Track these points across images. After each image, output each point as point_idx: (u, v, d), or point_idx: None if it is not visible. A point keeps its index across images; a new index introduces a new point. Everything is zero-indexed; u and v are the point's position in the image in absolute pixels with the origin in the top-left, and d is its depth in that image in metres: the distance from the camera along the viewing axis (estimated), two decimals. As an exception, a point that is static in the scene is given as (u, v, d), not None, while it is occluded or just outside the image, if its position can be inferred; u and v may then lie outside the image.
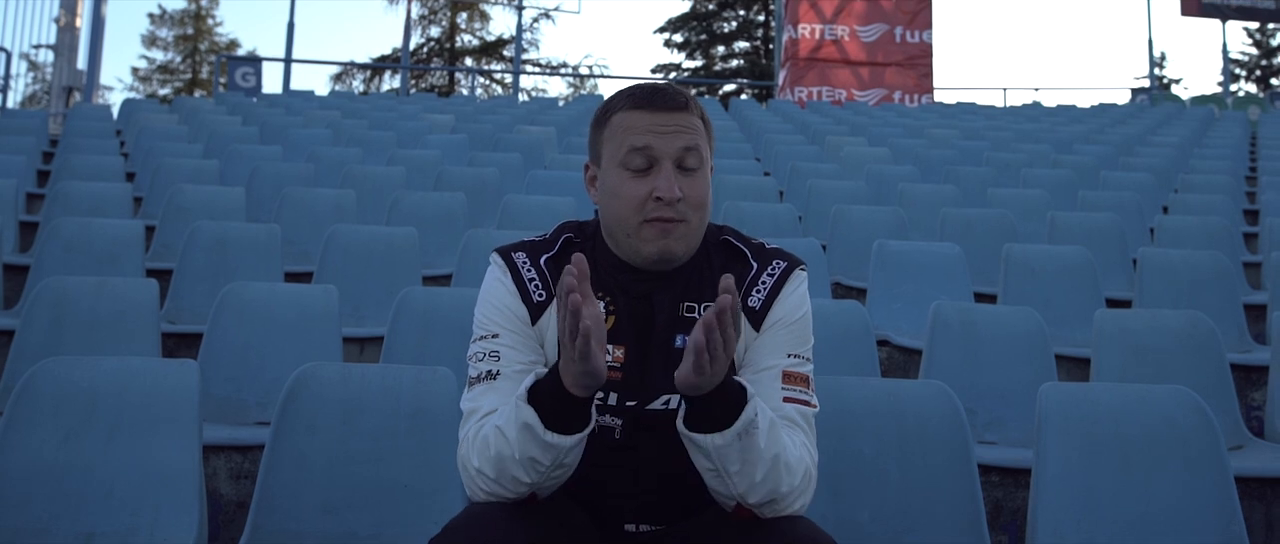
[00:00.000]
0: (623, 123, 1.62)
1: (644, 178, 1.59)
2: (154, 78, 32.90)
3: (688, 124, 1.61)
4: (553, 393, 1.46)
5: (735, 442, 1.45)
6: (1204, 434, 2.23)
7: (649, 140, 1.59)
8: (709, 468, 1.49)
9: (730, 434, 1.45)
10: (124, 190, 5.39)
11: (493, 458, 1.50)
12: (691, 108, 1.63)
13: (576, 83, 31.29)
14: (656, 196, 1.57)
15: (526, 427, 1.45)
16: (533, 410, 1.45)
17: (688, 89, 1.72)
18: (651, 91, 1.64)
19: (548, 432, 1.45)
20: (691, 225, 1.61)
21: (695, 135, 1.62)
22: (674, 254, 1.60)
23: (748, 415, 1.45)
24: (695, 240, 1.63)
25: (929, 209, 5.54)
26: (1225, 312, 4.05)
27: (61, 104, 14.46)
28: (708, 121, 1.68)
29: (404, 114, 9.87)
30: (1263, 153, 9.84)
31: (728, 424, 1.45)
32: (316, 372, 2.24)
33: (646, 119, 1.60)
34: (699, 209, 1.61)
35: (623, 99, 1.65)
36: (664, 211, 1.58)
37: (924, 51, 16.08)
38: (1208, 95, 19.90)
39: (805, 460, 1.55)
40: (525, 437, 1.46)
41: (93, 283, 3.20)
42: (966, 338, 3.19)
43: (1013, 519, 2.79)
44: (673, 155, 1.59)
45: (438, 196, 5.25)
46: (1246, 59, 32.71)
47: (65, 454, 2.09)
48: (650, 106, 1.61)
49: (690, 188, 1.60)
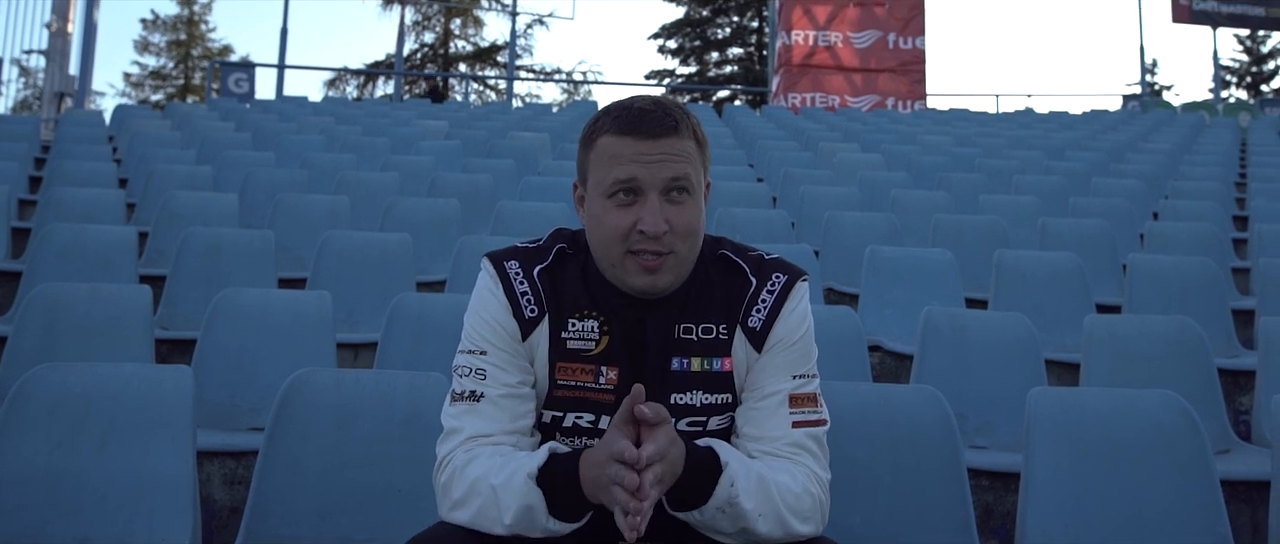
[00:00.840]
0: (608, 148, 1.55)
1: (629, 208, 1.53)
2: (146, 83, 32.84)
3: (677, 150, 1.53)
4: (565, 482, 1.44)
5: (718, 513, 1.46)
6: (1191, 438, 2.25)
7: (634, 171, 1.52)
8: (707, 531, 1.50)
9: (710, 509, 1.46)
10: (117, 196, 5.38)
11: (477, 508, 1.48)
12: (682, 130, 1.55)
13: (570, 89, 31.33)
14: (641, 230, 1.51)
15: (529, 509, 1.44)
16: (541, 494, 1.43)
17: (680, 103, 1.63)
18: (639, 116, 1.54)
19: (551, 519, 1.44)
20: (680, 255, 1.55)
21: (684, 162, 1.53)
22: (661, 288, 1.56)
23: (723, 488, 1.45)
24: (685, 269, 1.57)
25: (921, 215, 5.56)
26: (1214, 317, 4.08)
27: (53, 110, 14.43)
28: (702, 138, 1.60)
29: (397, 120, 9.87)
30: (1252, 159, 9.90)
31: (704, 500, 1.46)
32: (310, 377, 2.24)
33: (632, 147, 1.53)
34: (688, 238, 1.55)
35: (609, 121, 1.56)
36: (649, 245, 1.52)
37: (917, 58, 16.14)
38: (1199, 102, 20.00)
39: (812, 492, 1.54)
40: (524, 515, 1.45)
41: (86, 289, 3.20)
42: (957, 343, 3.20)
43: (1003, 523, 2.81)
44: (659, 186, 1.52)
45: (431, 203, 5.25)
46: (1237, 66, 32.84)
47: (59, 460, 2.10)
48: (636, 133, 1.53)
49: (677, 216, 1.53)
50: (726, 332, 1.61)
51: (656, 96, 1.61)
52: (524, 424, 1.59)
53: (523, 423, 1.58)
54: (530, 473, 1.44)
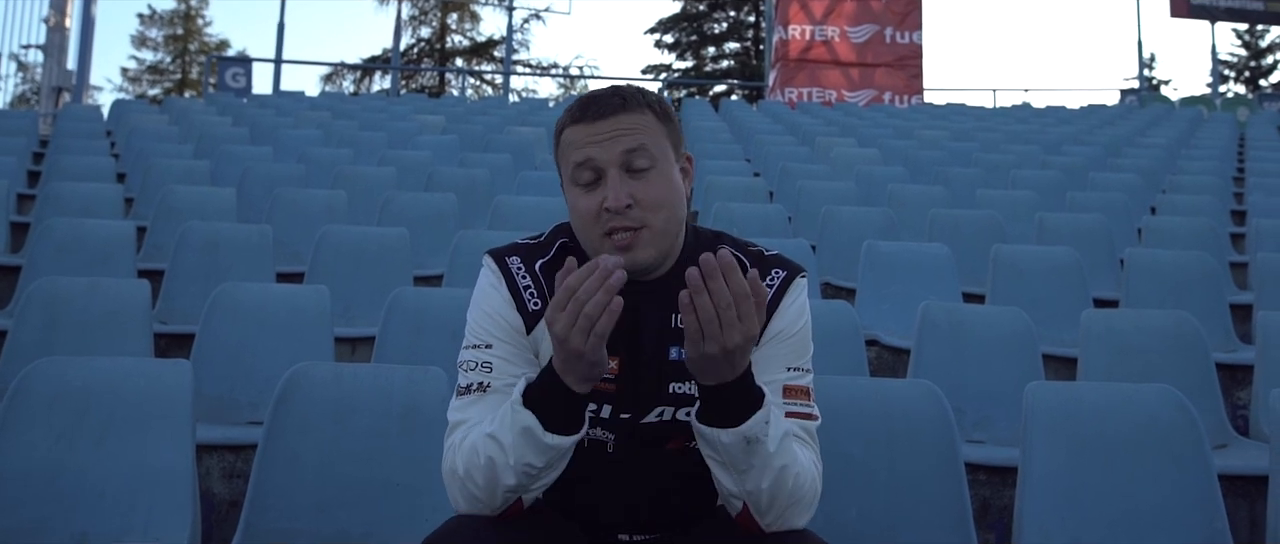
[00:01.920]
0: (568, 139, 1.57)
1: (595, 190, 1.54)
2: (144, 78, 32.80)
3: (628, 125, 1.54)
4: (552, 394, 1.44)
5: (742, 443, 1.44)
6: (1188, 433, 2.26)
7: (589, 151, 1.54)
8: (716, 459, 1.47)
9: (737, 434, 1.43)
10: (115, 191, 5.38)
11: (483, 465, 1.47)
12: (632, 106, 1.56)
13: (567, 83, 31.28)
14: (607, 207, 1.52)
15: (526, 430, 1.43)
16: (531, 414, 1.43)
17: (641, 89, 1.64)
18: (586, 102, 1.57)
19: (548, 434, 1.43)
20: (655, 228, 1.54)
21: (638, 134, 1.54)
22: (643, 263, 1.55)
23: (758, 420, 1.43)
24: (666, 242, 1.57)
25: (918, 210, 5.56)
26: (1211, 312, 4.08)
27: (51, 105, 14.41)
28: (665, 113, 1.60)
29: (394, 115, 9.86)
30: (1250, 154, 9.91)
31: (737, 423, 1.43)
32: (308, 371, 2.25)
33: (584, 131, 1.55)
34: (657, 209, 1.54)
35: (566, 115, 1.60)
36: (618, 221, 1.52)
37: (914, 52, 16.11)
38: (1197, 96, 20.02)
39: (812, 475, 1.54)
40: (524, 441, 1.44)
41: (85, 283, 3.21)
42: (955, 338, 3.21)
43: (1000, 517, 2.82)
44: (616, 161, 1.53)
45: (429, 197, 5.26)
46: (1235, 60, 32.85)
47: (58, 454, 2.10)
48: (585, 118, 1.56)
49: (643, 190, 1.53)
50: None
51: (616, 85, 1.62)
52: None
53: None
54: (515, 401, 1.45)
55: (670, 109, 1.61)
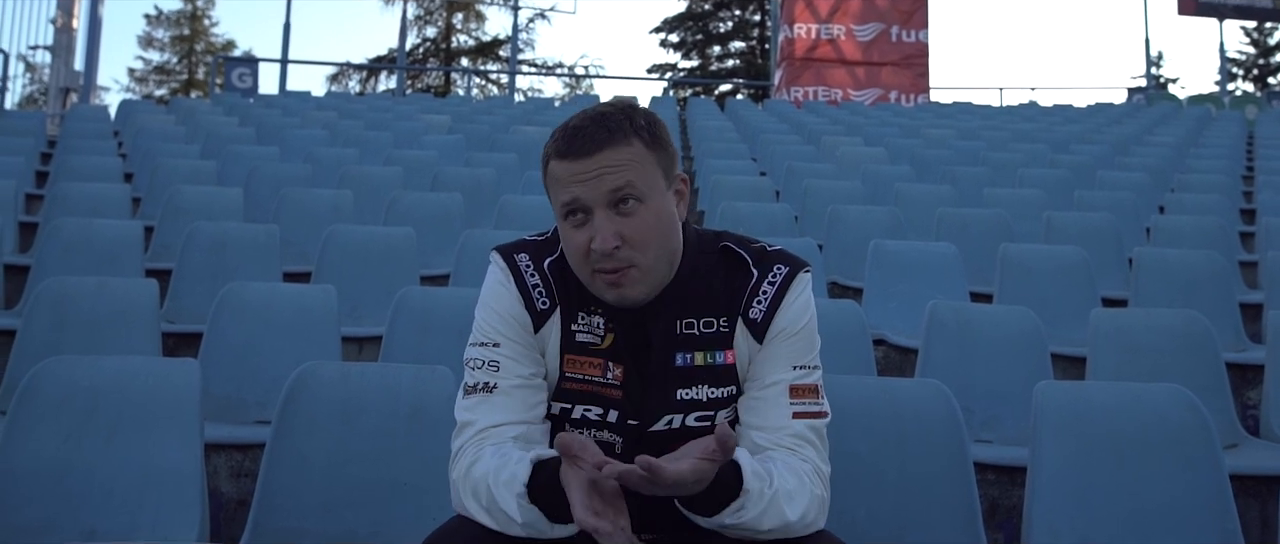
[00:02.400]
0: (554, 173, 1.54)
1: (583, 228, 1.52)
2: (150, 79, 32.85)
3: (614, 161, 1.50)
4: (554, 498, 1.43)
5: (737, 510, 1.45)
6: (1199, 432, 2.25)
7: (574, 192, 1.51)
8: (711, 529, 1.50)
9: (726, 515, 1.45)
10: (122, 191, 5.39)
11: (485, 507, 1.48)
12: (618, 138, 1.51)
13: (572, 83, 31.29)
14: (594, 248, 1.50)
15: (530, 525, 1.44)
16: (538, 511, 1.43)
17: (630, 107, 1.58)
18: (573, 134, 1.53)
19: (556, 525, 1.44)
20: (643, 266, 1.52)
21: (624, 172, 1.50)
22: (632, 299, 1.54)
23: (738, 505, 1.44)
24: (656, 277, 1.55)
25: (925, 209, 5.55)
26: (1221, 311, 4.06)
27: (59, 105, 14.44)
28: (654, 138, 1.55)
29: (400, 114, 9.87)
30: (1260, 152, 9.86)
31: (720, 509, 1.45)
32: (316, 371, 2.25)
33: (569, 168, 1.51)
34: (646, 247, 1.51)
35: (551, 144, 1.56)
36: (605, 263, 1.51)
37: (920, 51, 16.07)
38: (1205, 95, 19.92)
39: (812, 491, 1.53)
40: (533, 520, 1.45)
41: (93, 283, 3.21)
42: (962, 337, 3.20)
43: (1009, 517, 2.81)
44: (602, 201, 1.50)
45: (435, 197, 5.26)
46: (1244, 58, 32.74)
47: (67, 453, 2.10)
48: (571, 154, 1.51)
49: (631, 228, 1.50)
50: (727, 324, 1.60)
51: (602, 107, 1.58)
52: (537, 413, 1.58)
53: (536, 412, 1.58)
54: (519, 493, 1.44)
55: (661, 132, 1.58)
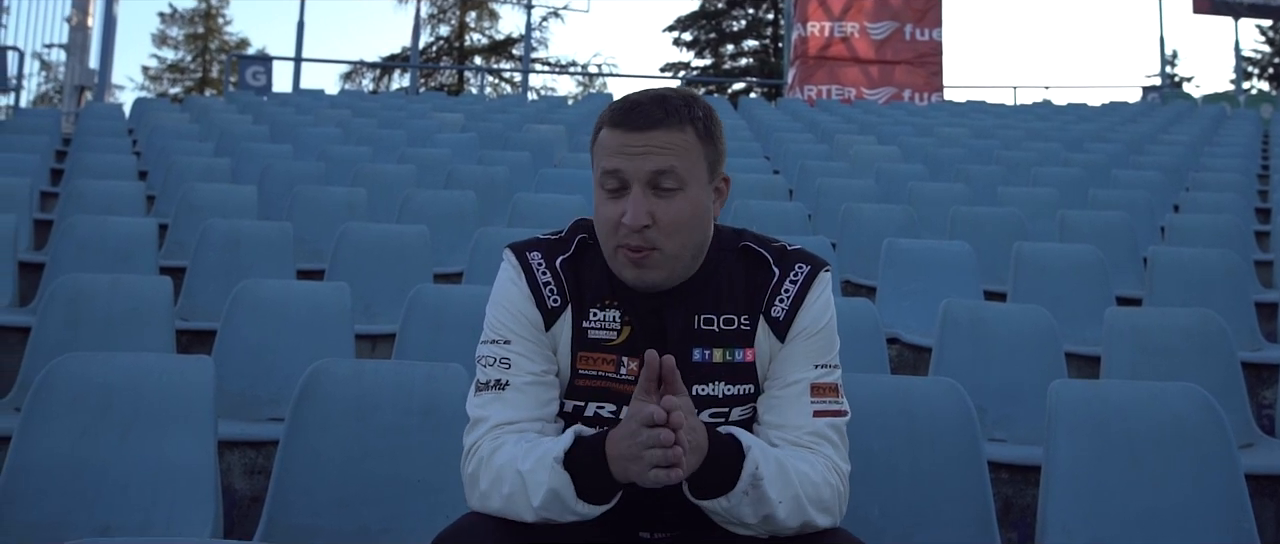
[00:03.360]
0: (603, 141, 1.55)
1: (618, 200, 1.52)
2: (164, 77, 32.97)
3: (664, 143, 1.51)
4: (593, 464, 1.43)
5: (743, 498, 1.45)
6: (1214, 431, 2.23)
7: (618, 162, 1.51)
8: (722, 517, 1.49)
9: (736, 495, 1.45)
10: (137, 189, 5.42)
11: (505, 495, 1.47)
12: (673, 121, 1.52)
13: (585, 81, 31.30)
14: (624, 222, 1.50)
15: (556, 493, 1.43)
16: (568, 477, 1.43)
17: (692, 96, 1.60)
18: (630, 107, 1.53)
19: (579, 501, 1.44)
20: (666, 252, 1.52)
21: (671, 155, 1.51)
22: (651, 283, 1.54)
23: (748, 472, 1.44)
24: (678, 266, 1.55)
25: (939, 207, 5.53)
26: (1236, 310, 4.04)
27: (74, 103, 14.51)
28: (707, 132, 1.56)
29: (413, 113, 9.89)
30: (1275, 151, 9.80)
31: (730, 486, 1.45)
32: (329, 368, 2.25)
33: (619, 138, 1.52)
34: (674, 233, 1.52)
35: (607, 114, 1.56)
36: (631, 239, 1.51)
37: (934, 49, 16.02)
38: (1220, 93, 19.79)
39: (831, 482, 1.53)
40: (552, 499, 1.44)
41: (107, 280, 3.23)
42: (976, 336, 3.19)
43: (1023, 516, 2.80)
44: (643, 178, 1.51)
45: (448, 195, 5.27)
46: (1259, 57, 32.51)
47: (82, 449, 2.12)
48: (625, 125, 1.52)
49: (664, 210, 1.51)
50: (748, 322, 1.61)
51: (667, 90, 1.58)
52: (550, 411, 1.58)
53: (549, 409, 1.58)
54: (556, 457, 1.44)
55: (715, 128, 1.58)
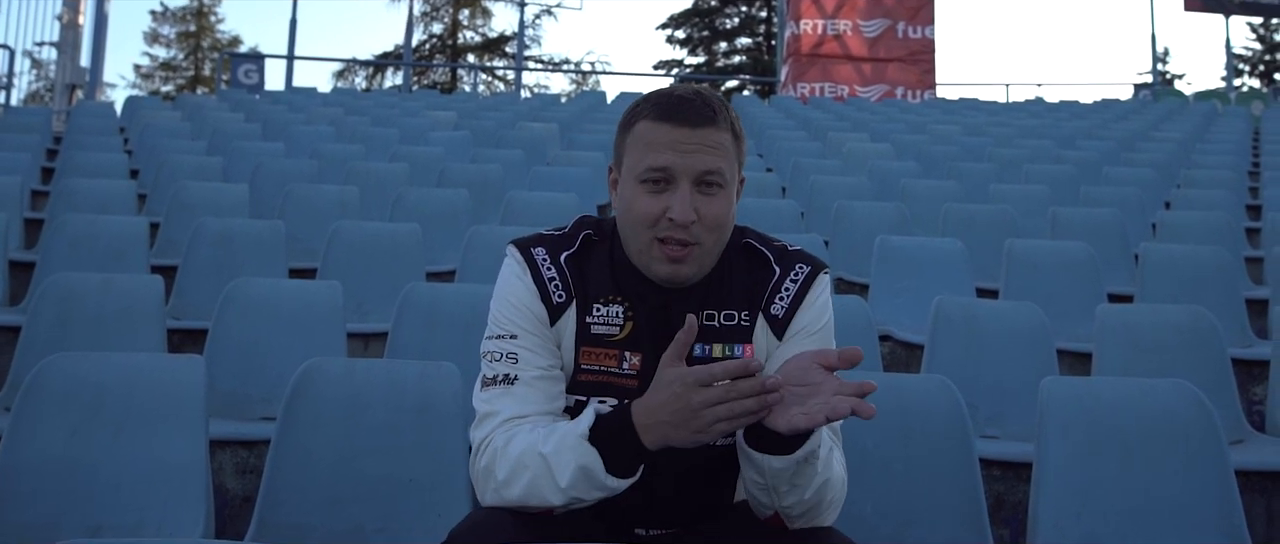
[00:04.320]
0: (645, 134, 1.54)
1: (660, 195, 1.52)
2: (156, 75, 32.87)
3: (715, 142, 1.53)
4: (620, 436, 1.43)
5: (794, 466, 1.44)
6: (1204, 428, 2.24)
7: (669, 158, 1.51)
8: (758, 482, 1.48)
9: (792, 460, 1.43)
10: (128, 187, 5.41)
11: (528, 481, 1.47)
12: (721, 121, 1.54)
13: (579, 79, 31.27)
14: (670, 217, 1.51)
15: (585, 469, 1.43)
16: (597, 453, 1.43)
17: (721, 96, 1.62)
18: (678, 102, 1.54)
19: (609, 476, 1.43)
20: (706, 247, 1.55)
21: (720, 155, 1.53)
22: (684, 278, 1.56)
23: (811, 444, 1.44)
24: (708, 261, 1.58)
25: (931, 205, 5.55)
26: (1227, 306, 4.06)
27: (65, 101, 14.48)
28: (740, 133, 1.59)
29: (406, 111, 9.88)
30: (1266, 148, 9.83)
31: (792, 449, 1.43)
32: (321, 367, 2.25)
33: (669, 133, 1.52)
34: (715, 230, 1.54)
35: (648, 106, 1.56)
36: (676, 233, 1.52)
37: (926, 47, 16.06)
38: (1211, 91, 19.85)
39: (842, 477, 1.54)
40: (581, 477, 1.44)
41: (99, 279, 3.22)
42: (968, 333, 3.20)
43: (1014, 513, 2.80)
44: (693, 175, 1.52)
45: (441, 193, 5.26)
46: (1250, 54, 32.59)
47: (73, 449, 2.11)
48: (675, 120, 1.52)
49: (708, 208, 1.53)
50: (748, 319, 1.62)
51: (698, 88, 1.59)
52: (557, 406, 1.58)
53: (556, 404, 1.58)
54: (582, 433, 1.44)
55: (742, 130, 1.61)
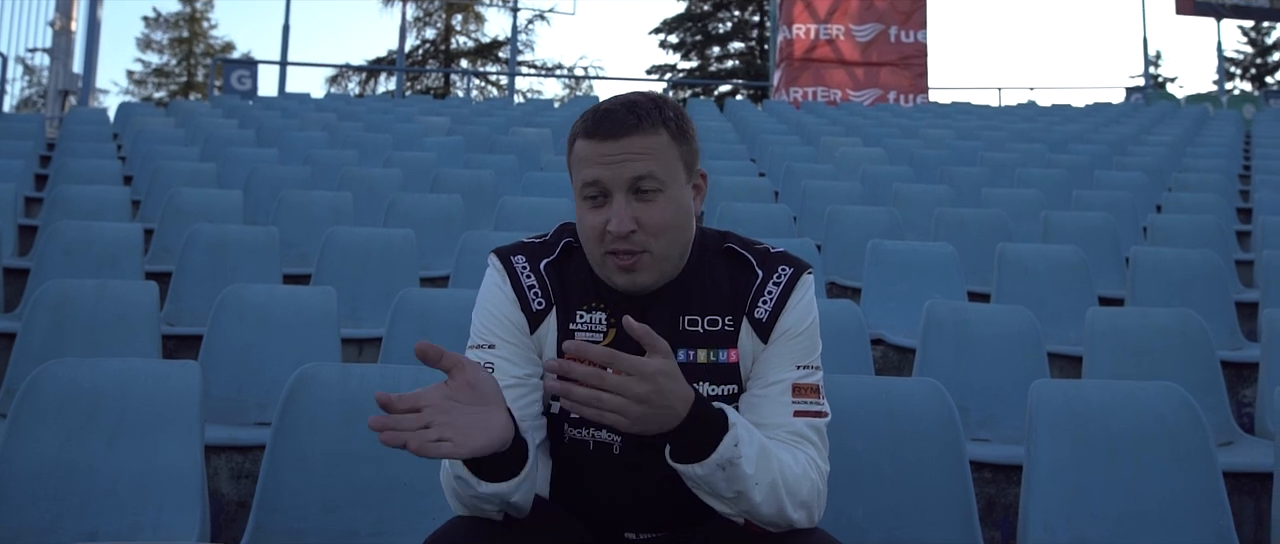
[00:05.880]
0: (579, 152, 1.57)
1: (600, 209, 1.54)
2: (149, 81, 32.84)
3: (640, 148, 1.53)
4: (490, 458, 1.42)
5: (717, 471, 1.44)
6: (1194, 430, 2.26)
7: (597, 172, 1.53)
8: (702, 491, 1.48)
9: (711, 464, 1.44)
10: (122, 193, 5.40)
11: (450, 497, 1.52)
12: (646, 126, 1.54)
13: (572, 84, 31.29)
14: (609, 230, 1.53)
15: (460, 480, 1.45)
16: (461, 463, 1.43)
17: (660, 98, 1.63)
18: (603, 116, 1.55)
19: (483, 482, 1.43)
20: (656, 254, 1.55)
21: (648, 159, 1.53)
22: (642, 286, 1.57)
23: (727, 446, 1.43)
24: (668, 266, 1.58)
25: (923, 209, 5.57)
26: (1217, 309, 4.08)
27: (57, 108, 14.44)
28: (680, 131, 1.59)
29: (399, 116, 9.88)
30: (1257, 151, 9.88)
31: (706, 454, 1.43)
32: (316, 372, 2.26)
33: (595, 149, 1.54)
34: (661, 235, 1.54)
35: (580, 124, 1.58)
36: (620, 245, 1.53)
37: (919, 51, 16.08)
38: (1202, 94, 19.93)
39: (811, 477, 1.53)
40: (460, 487, 1.46)
41: (93, 286, 3.22)
42: (960, 336, 3.21)
43: (1005, 515, 2.82)
44: (624, 185, 1.53)
45: (434, 198, 5.27)
46: (1241, 57, 32.73)
47: (68, 455, 2.12)
48: (599, 134, 1.54)
49: (647, 214, 1.53)
50: (732, 323, 1.62)
51: (634, 95, 1.60)
52: (532, 412, 1.60)
53: (531, 411, 1.60)
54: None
55: (687, 126, 1.60)
